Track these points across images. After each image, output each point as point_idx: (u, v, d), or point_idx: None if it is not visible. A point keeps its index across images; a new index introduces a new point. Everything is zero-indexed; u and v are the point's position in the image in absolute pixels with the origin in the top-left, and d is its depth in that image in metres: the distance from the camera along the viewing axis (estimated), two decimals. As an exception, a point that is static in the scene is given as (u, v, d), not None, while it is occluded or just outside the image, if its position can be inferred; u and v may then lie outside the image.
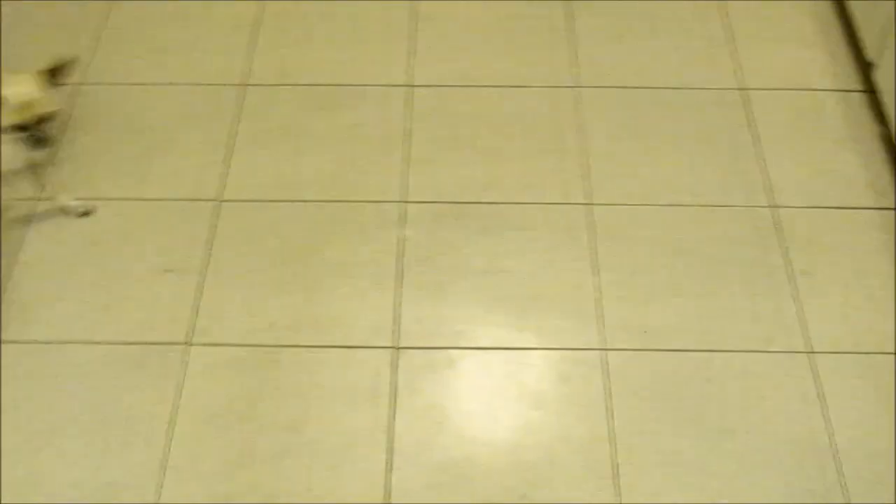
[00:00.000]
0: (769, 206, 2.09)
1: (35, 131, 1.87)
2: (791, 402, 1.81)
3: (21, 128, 1.85)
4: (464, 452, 1.75)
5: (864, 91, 2.31)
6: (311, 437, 1.77)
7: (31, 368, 1.86)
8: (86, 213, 2.11)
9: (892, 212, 2.09)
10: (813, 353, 1.87)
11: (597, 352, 1.88)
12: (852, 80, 2.34)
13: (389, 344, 1.89)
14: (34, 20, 2.51)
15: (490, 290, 1.96)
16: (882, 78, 2.18)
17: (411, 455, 1.75)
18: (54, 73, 1.89)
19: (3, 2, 2.55)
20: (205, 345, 1.89)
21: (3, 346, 1.89)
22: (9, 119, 1.83)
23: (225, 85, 2.34)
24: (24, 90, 1.85)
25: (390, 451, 1.75)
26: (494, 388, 1.84)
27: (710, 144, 2.21)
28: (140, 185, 2.15)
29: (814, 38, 2.44)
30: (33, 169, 2.05)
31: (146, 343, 1.89)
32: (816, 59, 2.39)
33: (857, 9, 2.34)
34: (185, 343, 1.89)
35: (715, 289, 1.96)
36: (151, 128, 2.26)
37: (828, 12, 2.50)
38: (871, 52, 2.23)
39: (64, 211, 2.11)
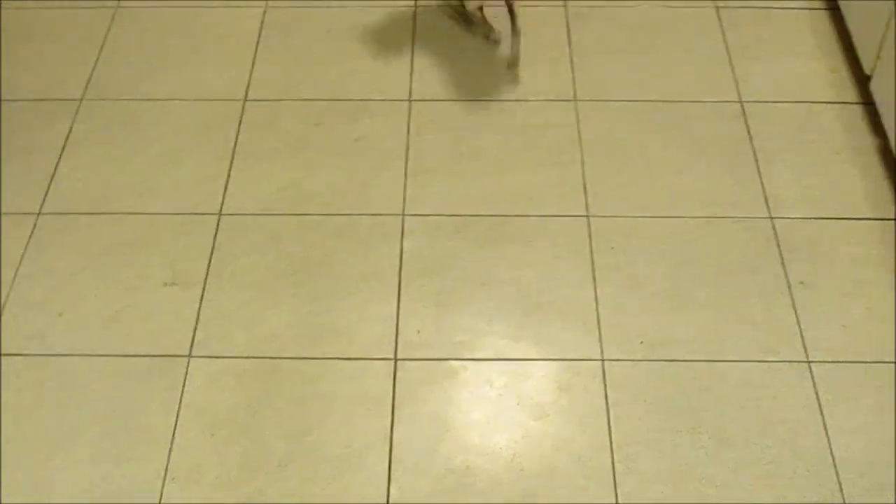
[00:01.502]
0: (768, 218, 2.10)
1: None
2: (790, 411, 1.81)
3: None
4: (464, 462, 1.76)
5: (862, 103, 2.32)
6: (313, 447, 1.78)
7: (33, 381, 1.87)
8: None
9: (891, 222, 2.10)
10: (812, 362, 1.88)
11: (596, 362, 1.88)
12: (850, 92, 2.35)
13: (390, 355, 1.90)
14: (34, 32, 2.53)
15: (490, 302, 1.97)
16: (879, 90, 2.20)
17: (412, 465, 1.75)
18: None
19: (3, 12, 2.57)
20: (207, 357, 1.90)
21: (4, 358, 1.90)
22: None
23: (226, 99, 2.36)
24: None
25: (391, 460, 1.76)
26: (494, 399, 1.84)
27: (709, 156, 2.22)
28: (142, 199, 2.16)
29: (812, 50, 2.46)
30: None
31: (149, 355, 1.90)
32: (814, 72, 2.41)
33: (853, 21, 2.35)
34: (188, 355, 1.90)
35: (714, 299, 1.97)
36: (153, 142, 2.27)
37: (825, 25, 2.52)
38: (867, 65, 2.25)
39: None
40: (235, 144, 2.26)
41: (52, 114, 2.33)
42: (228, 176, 2.20)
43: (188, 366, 1.89)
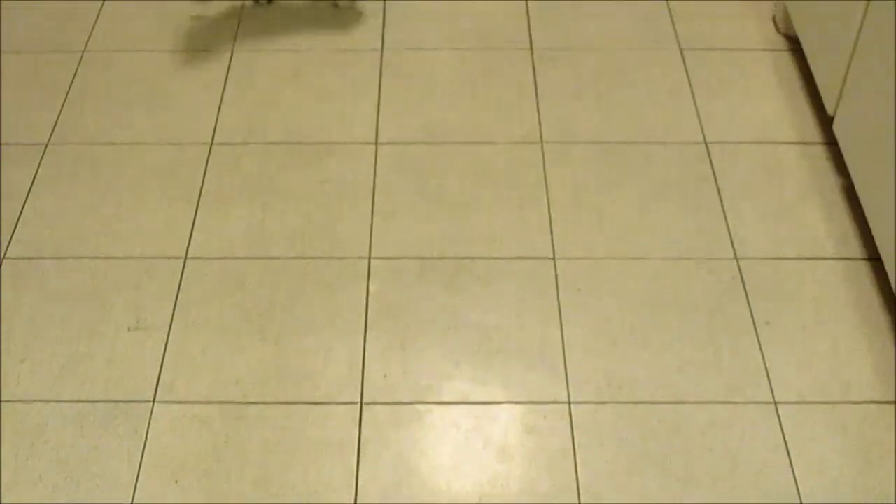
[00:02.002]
0: (733, 258, 2.11)
1: None
2: (757, 452, 1.81)
3: None
4: (430, 507, 1.75)
5: (825, 143, 2.34)
6: (279, 492, 1.76)
7: (-5, 428, 1.85)
8: None
9: (855, 262, 2.11)
10: (778, 403, 1.88)
11: (563, 405, 1.88)
12: (813, 132, 2.38)
13: (356, 399, 1.89)
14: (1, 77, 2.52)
15: (456, 345, 1.97)
16: (841, 130, 2.22)
17: (377, 510, 1.74)
18: None
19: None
20: (171, 402, 1.89)
21: (-34, 406, 1.88)
22: None
23: (192, 143, 2.36)
24: None
25: (356, 506, 1.75)
26: (460, 442, 1.84)
27: (674, 197, 2.24)
28: (107, 243, 2.15)
29: (775, 91, 2.48)
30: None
31: (112, 401, 1.88)
32: (778, 113, 2.43)
33: (815, 62, 2.38)
34: (152, 400, 1.89)
35: (679, 340, 1.97)
36: (118, 187, 2.26)
37: (788, 66, 2.55)
38: (830, 105, 2.27)
39: None
40: (202, 188, 2.26)
41: (17, 158, 2.33)
42: (194, 220, 2.19)
43: (152, 411, 1.87)
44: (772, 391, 1.89)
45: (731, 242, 2.14)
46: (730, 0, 2.76)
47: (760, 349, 1.96)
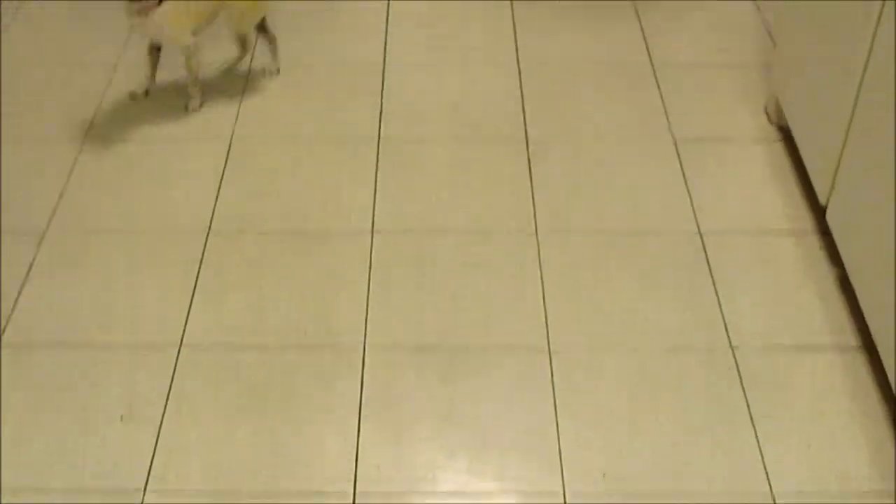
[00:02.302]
0: (728, 348, 2.11)
1: None
2: (754, 545, 1.80)
3: None
4: None
5: (819, 233, 2.36)
6: (268, 587, 1.74)
7: (-17, 519, 1.83)
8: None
9: (851, 351, 2.11)
10: (777, 495, 1.86)
11: (559, 496, 1.86)
12: (807, 222, 2.39)
13: (349, 490, 1.87)
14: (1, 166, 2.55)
15: (451, 436, 1.96)
16: (834, 220, 2.23)
17: None
18: None
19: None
20: (163, 490, 1.87)
21: (-45, 495, 1.86)
22: None
23: (189, 231, 2.37)
24: None
25: None
26: (455, 535, 1.82)
27: (669, 287, 2.24)
28: (101, 330, 2.15)
29: (768, 180, 2.50)
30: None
31: (102, 491, 1.87)
32: (771, 202, 2.44)
33: (807, 153, 2.40)
34: (143, 489, 1.87)
35: (676, 432, 1.96)
36: (114, 274, 2.27)
37: (780, 155, 2.57)
38: (822, 195, 2.28)
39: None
40: (198, 275, 2.26)
41: (15, 245, 2.33)
42: (190, 306, 2.19)
43: (143, 500, 1.85)
44: (769, 484, 1.87)
45: (727, 332, 2.14)
46: (722, 92, 2.80)
47: (758, 440, 1.94)
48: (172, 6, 2.57)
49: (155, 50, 2.73)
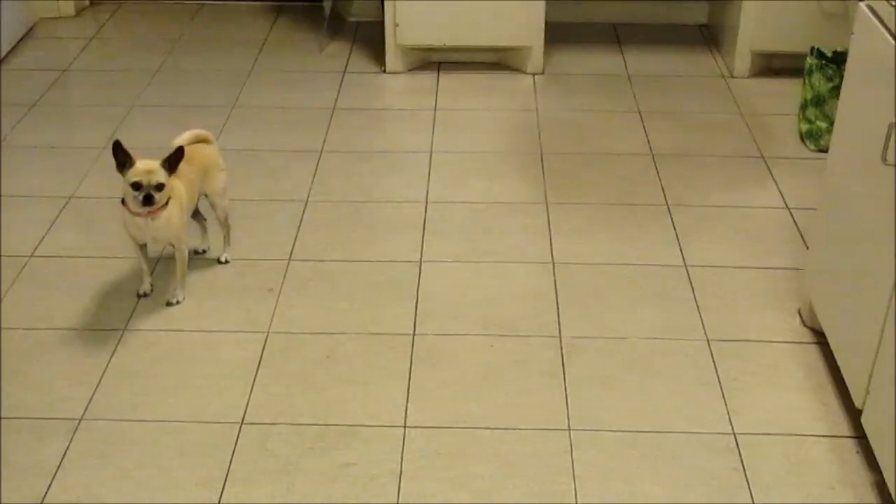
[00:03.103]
0: (764, 555, 2.06)
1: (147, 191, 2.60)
2: None
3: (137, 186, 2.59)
4: None
5: (854, 437, 2.33)
6: None
7: None
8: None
9: (890, 562, 2.06)
10: None
11: None
12: (842, 426, 2.37)
13: None
14: (39, 352, 2.59)
15: None
16: (870, 424, 2.21)
17: None
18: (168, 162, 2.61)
19: (7, 333, 2.64)
20: None
21: None
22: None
23: (222, 422, 2.38)
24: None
25: None
26: None
27: (702, 490, 2.21)
28: (130, 522, 2.14)
29: (802, 383, 2.49)
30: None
31: None
32: (806, 405, 2.43)
33: (842, 356, 2.40)
34: None
35: None
36: (145, 464, 2.27)
37: (815, 359, 2.57)
38: (858, 399, 2.27)
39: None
40: (229, 468, 2.26)
41: (50, 433, 2.35)
42: (220, 500, 2.18)
43: None
44: None
45: (762, 538, 2.10)
46: (755, 294, 2.82)
47: None
48: (176, 205, 2.67)
49: (142, 247, 2.79)
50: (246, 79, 4.07)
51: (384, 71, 4.14)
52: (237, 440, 2.33)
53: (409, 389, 2.48)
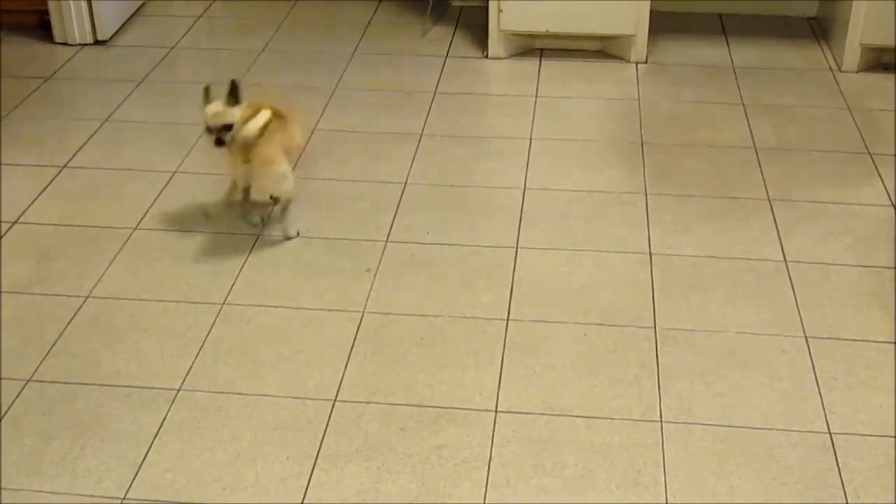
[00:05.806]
0: (857, 556, 2.03)
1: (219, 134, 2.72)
2: None
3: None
4: None
5: (956, 442, 2.28)
6: None
7: None
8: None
9: None
10: None
11: None
12: (943, 430, 2.32)
13: None
14: (142, 324, 2.65)
15: None
16: (973, 431, 2.16)
17: None
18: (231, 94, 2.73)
19: (113, 303, 2.70)
20: None
21: None
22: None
23: (316, 399, 2.41)
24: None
25: None
26: None
27: (796, 488, 2.18)
28: (223, 493, 2.18)
29: (903, 386, 2.45)
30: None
31: None
32: (906, 408, 2.38)
33: (945, 360, 2.34)
34: None
35: None
36: (240, 437, 2.31)
37: (917, 361, 2.52)
38: (961, 404, 2.22)
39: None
40: (321, 445, 2.29)
41: (149, 402, 2.41)
42: (311, 476, 2.22)
43: None
44: None
45: (856, 540, 2.06)
46: (856, 292, 2.76)
47: None
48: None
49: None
50: (349, 61, 4.11)
51: (486, 56, 4.15)
52: (330, 417, 2.36)
53: (501, 374, 2.49)
